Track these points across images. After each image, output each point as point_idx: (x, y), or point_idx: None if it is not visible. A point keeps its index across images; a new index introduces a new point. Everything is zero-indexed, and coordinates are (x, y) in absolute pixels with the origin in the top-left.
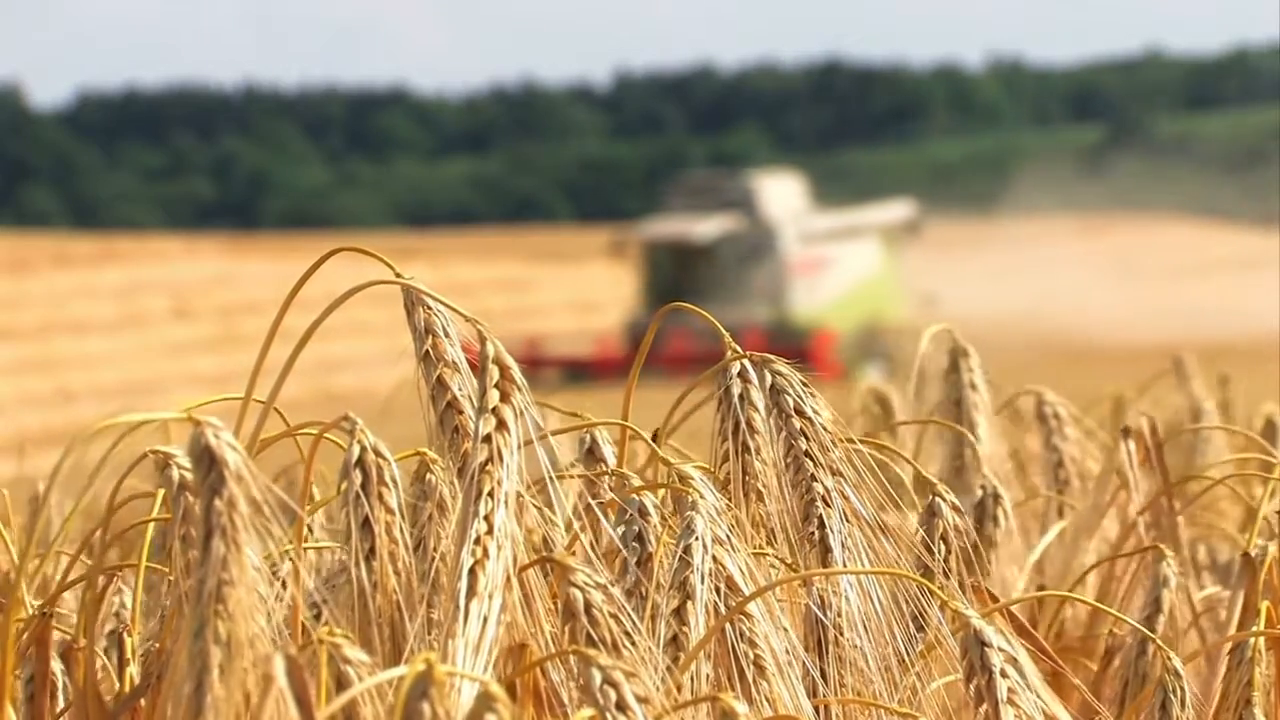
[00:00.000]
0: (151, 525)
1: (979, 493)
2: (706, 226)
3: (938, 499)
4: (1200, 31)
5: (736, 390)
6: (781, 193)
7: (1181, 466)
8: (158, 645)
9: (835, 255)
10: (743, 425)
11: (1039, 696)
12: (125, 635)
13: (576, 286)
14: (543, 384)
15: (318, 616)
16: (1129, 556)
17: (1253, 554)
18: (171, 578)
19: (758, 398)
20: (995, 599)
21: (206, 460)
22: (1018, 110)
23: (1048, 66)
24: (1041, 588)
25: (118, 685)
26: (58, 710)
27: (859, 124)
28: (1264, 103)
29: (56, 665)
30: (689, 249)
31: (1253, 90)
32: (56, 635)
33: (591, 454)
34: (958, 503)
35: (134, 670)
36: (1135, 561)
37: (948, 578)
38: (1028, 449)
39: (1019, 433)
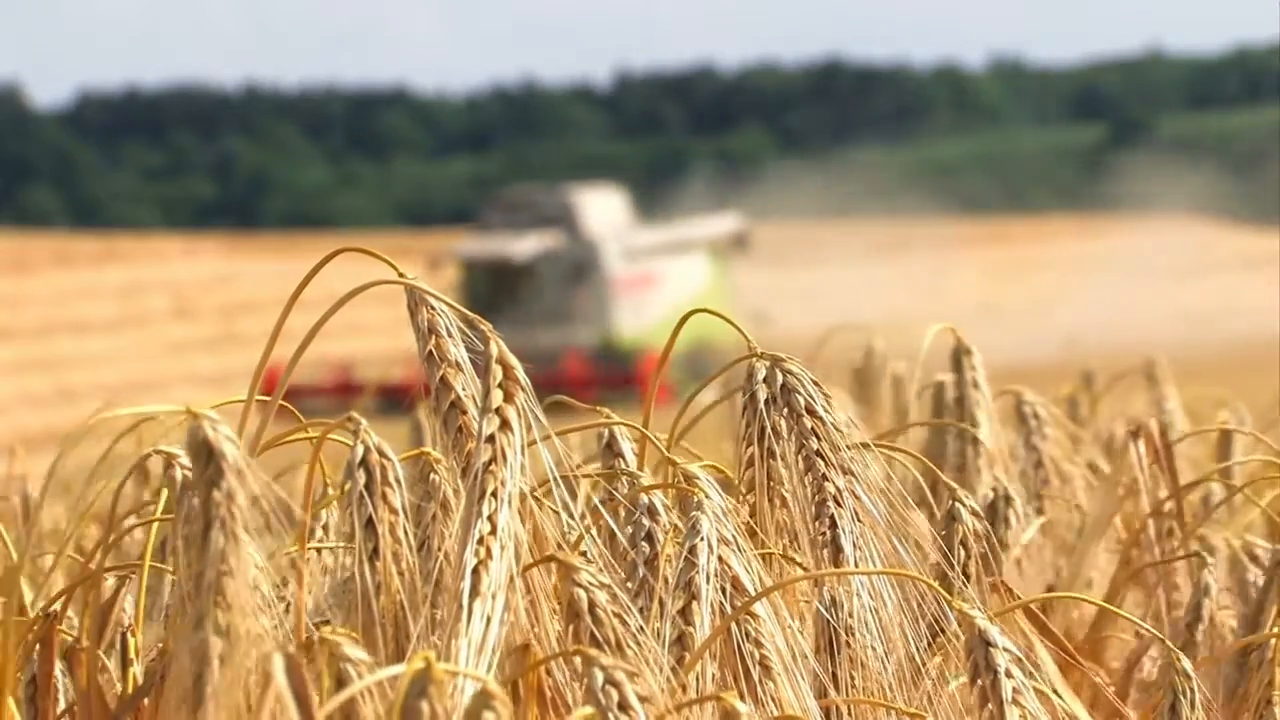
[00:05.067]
0: (154, 525)
1: (989, 494)
2: (525, 244)
3: (957, 504)
4: (1200, 31)
5: (763, 395)
6: (602, 208)
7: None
8: (161, 645)
9: (661, 272)
10: (768, 430)
11: (1059, 695)
12: (129, 636)
13: None
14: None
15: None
16: (1166, 563)
17: None
18: (175, 578)
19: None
20: (1015, 595)
21: (205, 454)
22: (1018, 110)
23: (1048, 66)
24: (1051, 589)
25: (119, 687)
26: (59, 711)
27: (859, 124)
28: (1264, 103)
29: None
30: (507, 268)
31: (1253, 90)
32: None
33: (610, 449)
34: (977, 507)
35: (137, 670)
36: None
37: (967, 582)
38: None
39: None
